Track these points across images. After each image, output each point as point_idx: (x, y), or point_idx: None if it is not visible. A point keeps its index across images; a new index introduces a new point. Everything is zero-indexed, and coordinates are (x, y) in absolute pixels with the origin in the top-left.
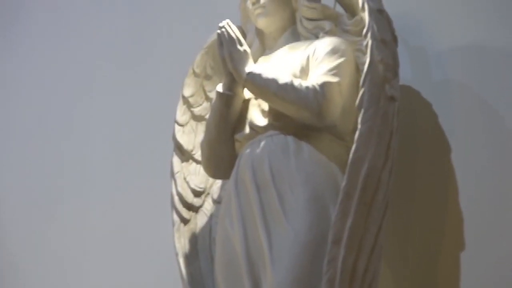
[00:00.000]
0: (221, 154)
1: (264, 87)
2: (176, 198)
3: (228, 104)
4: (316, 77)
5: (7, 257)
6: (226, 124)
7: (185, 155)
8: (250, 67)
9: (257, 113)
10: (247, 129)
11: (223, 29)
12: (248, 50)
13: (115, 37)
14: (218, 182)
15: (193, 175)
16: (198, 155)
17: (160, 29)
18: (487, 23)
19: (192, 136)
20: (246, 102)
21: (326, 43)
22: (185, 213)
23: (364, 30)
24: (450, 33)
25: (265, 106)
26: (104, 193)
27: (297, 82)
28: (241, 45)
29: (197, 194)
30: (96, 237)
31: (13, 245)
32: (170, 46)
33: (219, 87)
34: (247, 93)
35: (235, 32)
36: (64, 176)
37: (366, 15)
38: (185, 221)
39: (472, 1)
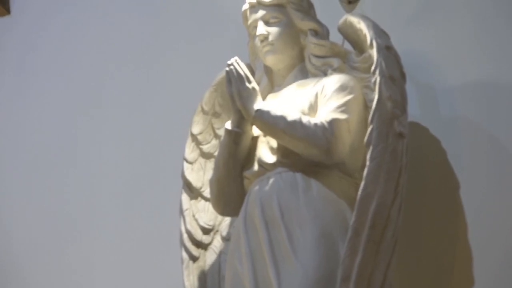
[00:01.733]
0: (230, 192)
1: (273, 124)
2: (185, 236)
3: (236, 141)
4: (324, 114)
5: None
6: (235, 161)
7: (194, 193)
8: (259, 104)
9: (266, 150)
10: (255, 166)
11: (232, 67)
12: (257, 87)
13: (121, 80)
14: (227, 219)
15: (202, 213)
16: (207, 192)
17: (167, 64)
18: (495, 59)
19: (201, 174)
20: (255, 139)
21: (334, 80)
22: (194, 250)
23: (373, 67)
24: (458, 70)
25: (274, 143)
26: (113, 231)
27: (305, 119)
28: (249, 82)
29: (206, 231)
30: (105, 275)
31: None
32: (178, 83)
33: (228, 125)
34: (255, 130)
35: (243, 69)
36: (71, 214)
37: (374, 52)
38: (194, 258)
39: (480, 37)
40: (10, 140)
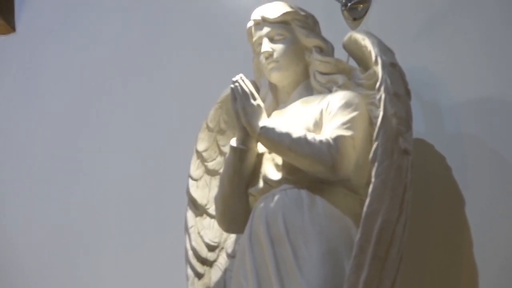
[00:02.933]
0: (235, 209)
1: (278, 141)
2: (190, 253)
3: (241, 158)
4: (329, 131)
5: None
6: (240, 179)
7: (199, 210)
8: (264, 121)
9: (271, 167)
10: (261, 183)
11: (237, 84)
12: (262, 104)
13: (127, 96)
14: (232, 237)
15: (207, 230)
16: (212, 209)
17: (173, 82)
18: (500, 76)
19: (206, 191)
20: (260, 156)
21: (339, 97)
22: (199, 267)
23: (377, 84)
24: (463, 87)
25: (279, 160)
26: (117, 248)
27: (310, 136)
28: (254, 99)
29: (211, 248)
30: None
31: None
32: (184, 100)
33: (233, 142)
34: (260, 147)
35: (248, 86)
36: (76, 228)
37: (379, 69)
38: (199, 275)
39: (485, 54)
40: (15, 153)
